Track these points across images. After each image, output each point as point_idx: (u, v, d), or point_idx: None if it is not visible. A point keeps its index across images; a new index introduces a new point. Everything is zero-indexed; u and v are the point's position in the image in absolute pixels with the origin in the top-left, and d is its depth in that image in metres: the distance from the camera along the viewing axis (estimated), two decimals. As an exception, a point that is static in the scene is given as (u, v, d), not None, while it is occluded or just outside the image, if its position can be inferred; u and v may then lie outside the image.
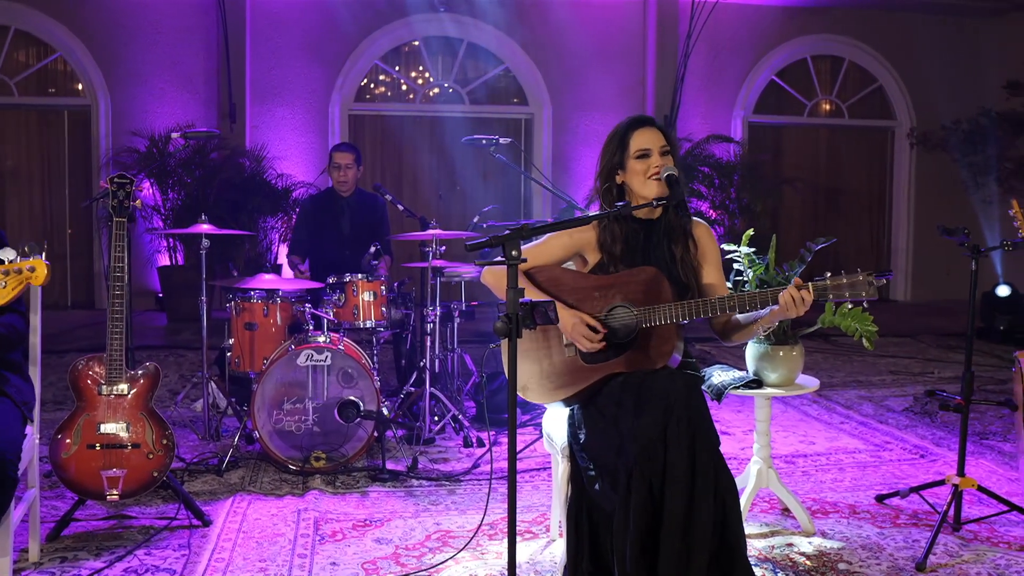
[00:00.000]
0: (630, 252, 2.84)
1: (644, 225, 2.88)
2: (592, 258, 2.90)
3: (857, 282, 2.56)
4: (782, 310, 2.64)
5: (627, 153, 2.83)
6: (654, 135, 2.83)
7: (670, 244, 2.86)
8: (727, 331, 2.91)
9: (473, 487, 3.98)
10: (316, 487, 3.88)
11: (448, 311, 5.14)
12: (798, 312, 2.63)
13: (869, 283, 2.54)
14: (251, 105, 9.65)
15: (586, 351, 2.72)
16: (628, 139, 2.84)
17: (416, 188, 10.42)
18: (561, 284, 2.83)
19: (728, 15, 10.42)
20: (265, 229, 9.08)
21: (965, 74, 11.03)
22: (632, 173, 2.83)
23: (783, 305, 2.62)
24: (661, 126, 2.86)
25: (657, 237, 2.86)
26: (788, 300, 2.61)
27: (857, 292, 2.55)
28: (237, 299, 4.60)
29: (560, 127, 10.54)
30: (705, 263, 2.93)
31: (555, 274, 2.87)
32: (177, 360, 6.91)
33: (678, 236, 2.87)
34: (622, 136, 2.85)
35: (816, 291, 2.60)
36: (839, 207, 11.49)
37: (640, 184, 2.82)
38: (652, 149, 2.81)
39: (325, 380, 4.20)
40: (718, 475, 2.46)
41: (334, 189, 5.53)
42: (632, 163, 2.83)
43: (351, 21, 9.89)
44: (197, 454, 4.34)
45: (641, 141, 2.82)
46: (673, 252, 2.85)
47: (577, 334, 2.71)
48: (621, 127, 2.88)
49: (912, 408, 5.53)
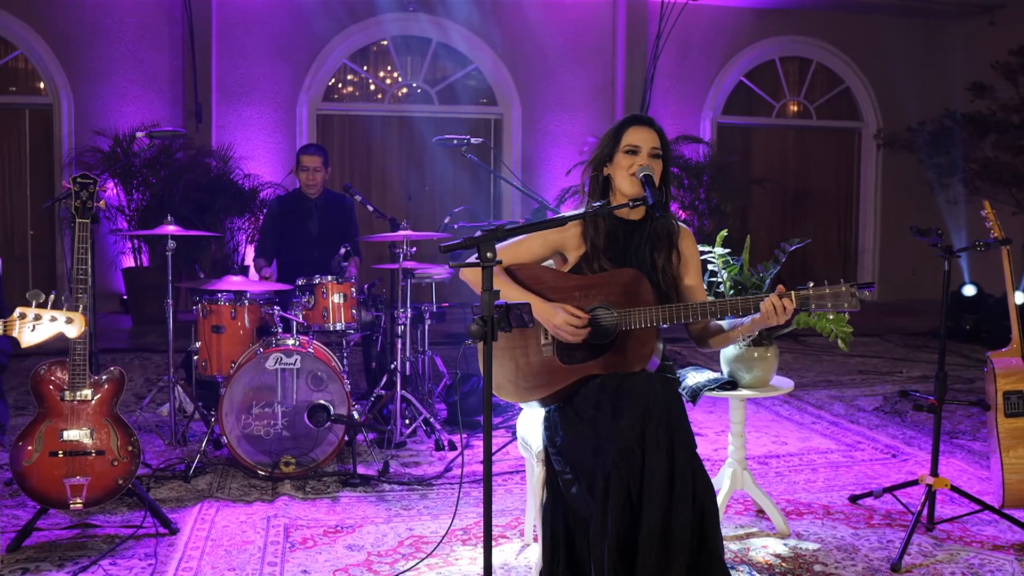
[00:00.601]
0: (612, 247, 2.82)
1: (626, 225, 2.86)
2: (572, 256, 2.87)
3: (840, 293, 2.55)
4: (763, 318, 2.62)
5: (618, 146, 2.82)
6: (649, 135, 2.81)
7: (652, 251, 2.84)
8: (704, 337, 2.89)
9: (446, 491, 3.93)
10: (286, 493, 3.82)
11: (419, 313, 5.09)
12: (779, 320, 2.61)
13: (852, 295, 2.53)
14: (217, 104, 9.52)
15: (571, 341, 2.68)
16: (622, 133, 2.83)
17: (385, 189, 10.34)
18: (542, 282, 2.81)
19: (697, 16, 10.44)
20: (232, 230, 8.96)
21: (931, 76, 11.15)
22: (617, 167, 2.82)
23: (764, 313, 2.60)
24: (660, 129, 2.85)
25: (639, 241, 2.84)
26: (770, 308, 2.59)
27: (840, 303, 2.54)
28: (204, 301, 4.52)
29: (530, 127, 10.51)
30: (686, 274, 2.91)
31: (536, 272, 2.84)
32: (142, 363, 6.79)
33: (662, 245, 2.85)
34: (618, 129, 2.85)
35: (798, 300, 2.58)
36: (807, 208, 11.57)
37: (622, 179, 2.80)
38: (642, 147, 2.79)
39: (294, 384, 4.13)
40: (696, 479, 2.44)
41: (302, 190, 5.46)
42: (619, 156, 2.81)
43: (319, 20, 9.79)
44: (163, 460, 4.25)
45: (634, 137, 2.81)
46: (655, 259, 2.83)
47: (561, 323, 2.66)
48: (619, 122, 2.88)
49: (882, 408, 5.56)
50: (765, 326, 2.65)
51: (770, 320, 2.61)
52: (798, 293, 2.59)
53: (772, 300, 2.60)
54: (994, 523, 3.50)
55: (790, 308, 2.59)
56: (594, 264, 2.80)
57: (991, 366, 3.31)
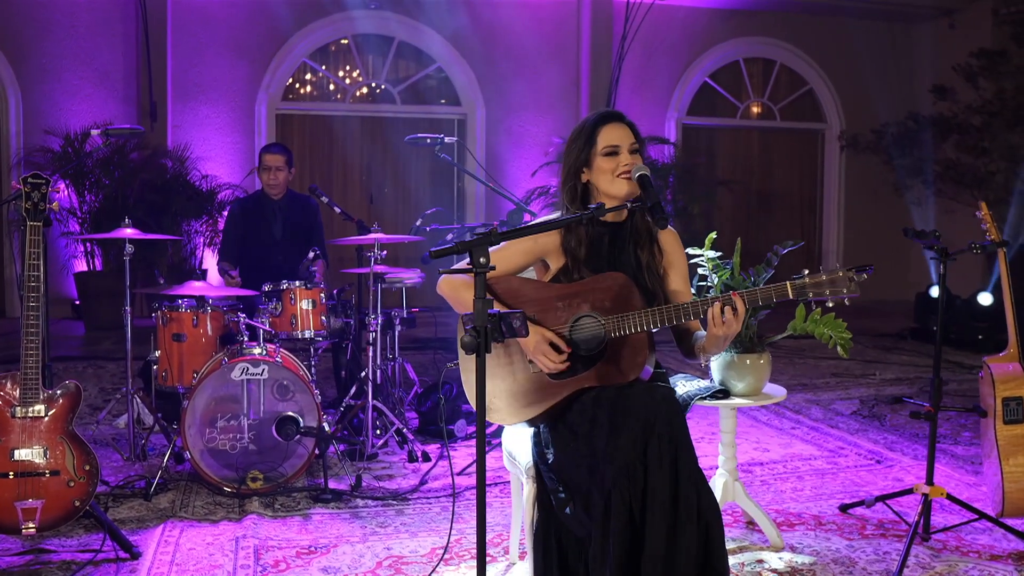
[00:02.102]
0: (595, 255, 2.66)
1: (610, 228, 2.69)
2: (555, 263, 2.71)
3: (837, 278, 2.42)
4: (709, 327, 2.46)
5: (594, 150, 2.63)
6: (623, 131, 2.64)
7: (636, 249, 2.68)
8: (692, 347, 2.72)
9: (422, 506, 3.75)
10: (254, 511, 3.61)
11: (388, 318, 4.91)
12: (725, 331, 2.43)
13: (850, 279, 2.40)
14: (173, 103, 9.22)
15: (550, 370, 2.52)
16: (596, 135, 2.63)
17: (346, 190, 10.12)
18: (520, 296, 2.62)
19: (662, 16, 10.37)
20: (189, 232, 8.68)
21: (893, 78, 11.20)
22: (599, 171, 2.64)
23: (709, 320, 2.45)
24: (631, 122, 2.67)
25: (623, 241, 2.69)
26: (709, 318, 2.44)
27: (838, 289, 2.41)
28: (164, 308, 4.29)
29: (494, 128, 10.35)
30: (671, 270, 2.76)
31: (513, 285, 2.65)
32: (97, 372, 6.51)
33: (644, 241, 2.69)
34: (590, 132, 2.65)
35: (794, 290, 2.44)
36: (771, 209, 11.57)
37: (607, 183, 2.63)
38: (622, 146, 2.62)
39: (261, 395, 3.92)
40: (700, 497, 2.30)
41: (264, 192, 5.24)
42: (599, 160, 2.63)
43: (279, 17, 9.54)
44: (122, 477, 4.01)
45: (610, 137, 2.63)
46: (639, 258, 2.67)
47: (539, 353, 2.51)
48: (588, 122, 2.67)
49: (860, 412, 5.49)
50: (718, 336, 2.48)
51: (716, 329, 2.45)
52: (793, 283, 2.45)
53: (712, 309, 2.44)
54: (988, 531, 3.42)
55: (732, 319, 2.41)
56: (574, 275, 2.64)
57: (988, 372, 3.22)
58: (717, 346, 2.51)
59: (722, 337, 2.45)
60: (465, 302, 2.62)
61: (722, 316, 2.42)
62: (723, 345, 2.51)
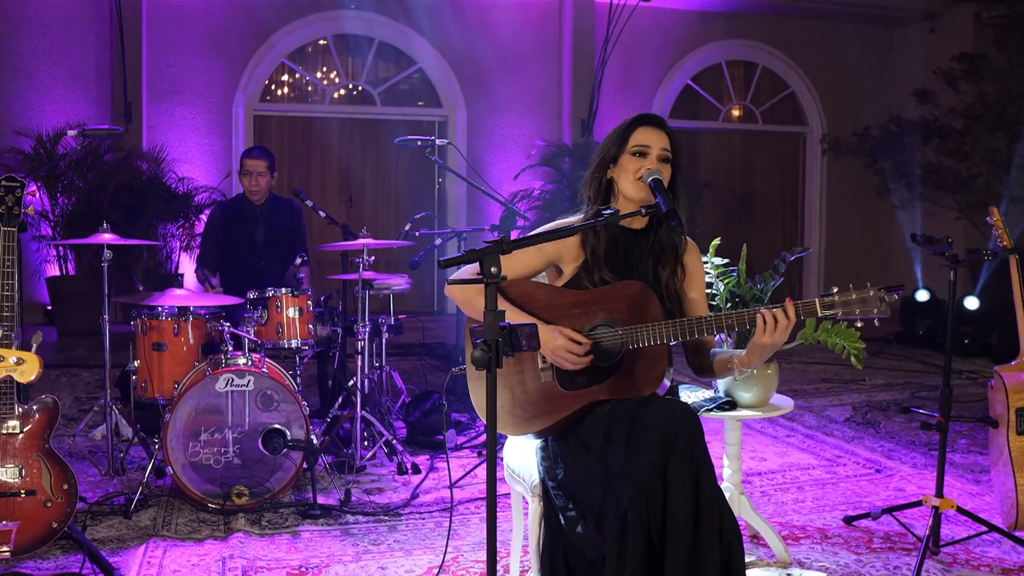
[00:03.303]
0: (614, 256, 2.55)
1: (628, 235, 2.59)
2: (569, 268, 2.59)
3: (868, 298, 2.32)
4: (758, 336, 2.36)
5: (624, 147, 2.54)
6: (659, 136, 2.55)
7: (656, 264, 2.57)
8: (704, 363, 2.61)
9: (416, 521, 3.62)
10: (240, 528, 3.46)
11: (376, 325, 4.77)
12: (774, 339, 2.34)
13: (881, 299, 2.31)
14: (148, 104, 9.00)
15: (572, 369, 2.40)
16: (630, 133, 2.55)
17: (325, 193, 9.94)
18: (534, 300, 2.50)
19: (644, 19, 10.28)
20: (165, 236, 8.47)
21: (876, 82, 11.18)
22: (622, 170, 2.54)
23: (758, 326, 2.35)
24: (670, 131, 2.58)
25: (641, 252, 2.58)
26: (759, 321, 2.35)
27: (868, 309, 2.31)
28: (143, 316, 4.13)
29: (475, 130, 10.22)
30: (691, 289, 2.65)
31: (527, 289, 2.54)
32: (71, 380, 6.32)
33: (667, 258, 2.59)
34: (625, 129, 2.57)
35: (824, 308, 2.35)
36: (753, 212, 11.52)
37: (627, 183, 2.53)
38: (652, 149, 2.52)
39: (247, 407, 3.77)
40: (723, 519, 2.19)
41: (245, 196, 5.09)
42: (626, 158, 2.54)
43: (257, 16, 9.35)
44: (100, 492, 3.84)
45: (642, 138, 2.54)
46: (658, 273, 2.56)
47: (560, 349, 2.38)
48: (627, 120, 2.60)
49: (853, 418, 5.43)
50: (764, 346, 2.38)
51: (764, 337, 2.35)
52: (823, 300, 2.35)
53: (763, 314, 2.35)
54: (997, 543, 3.35)
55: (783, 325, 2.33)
56: (594, 276, 2.53)
57: (1001, 381, 3.14)
58: (759, 356, 2.41)
59: (769, 346, 2.35)
60: (479, 307, 2.49)
61: (775, 323, 2.31)
62: (765, 356, 2.41)
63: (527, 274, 2.59)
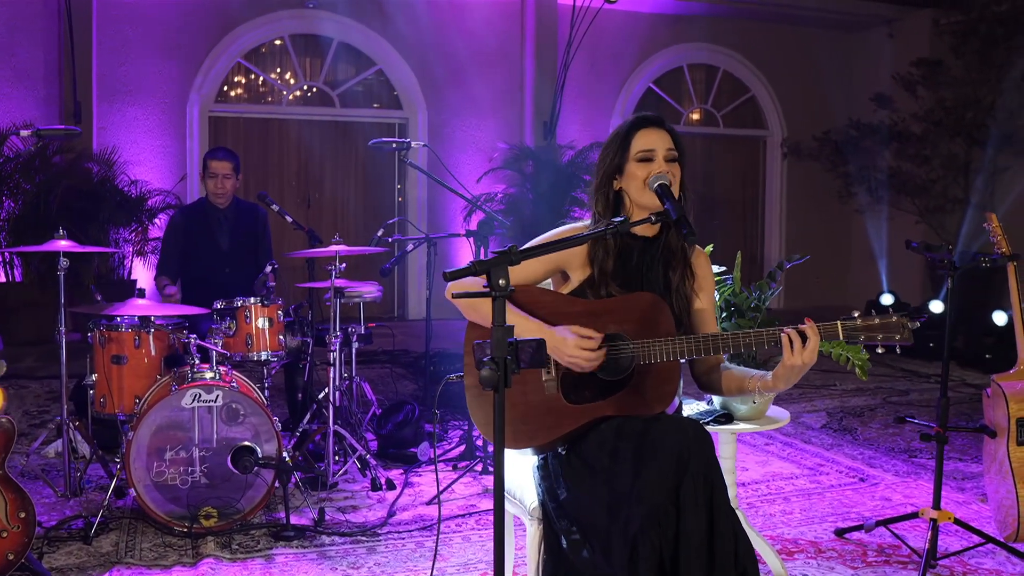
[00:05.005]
0: (622, 269, 2.42)
1: (640, 242, 2.45)
2: (577, 276, 2.45)
3: (891, 324, 2.21)
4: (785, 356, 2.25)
5: (628, 155, 2.41)
6: (662, 136, 2.41)
7: (666, 269, 2.44)
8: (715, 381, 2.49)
9: (395, 542, 3.46)
10: (210, 553, 3.27)
11: (346, 335, 4.59)
12: (802, 360, 2.22)
13: (903, 325, 2.20)
14: (98, 104, 8.68)
15: (588, 368, 2.25)
16: (631, 139, 2.41)
17: (282, 196, 9.68)
18: (542, 307, 2.35)
19: (607, 21, 10.21)
20: (118, 241, 8.17)
21: (835, 86, 11.23)
22: (630, 178, 2.41)
23: (785, 349, 2.24)
24: (671, 128, 2.44)
25: (651, 259, 2.44)
26: (785, 343, 2.24)
27: (890, 335, 2.21)
28: (102, 327, 3.91)
29: (436, 133, 10.05)
30: (700, 292, 2.52)
31: (534, 295, 2.39)
32: (19, 393, 6.01)
33: (677, 262, 2.46)
34: (625, 135, 2.42)
35: (845, 332, 2.24)
36: (714, 216, 11.52)
37: (638, 192, 2.40)
38: (657, 151, 2.39)
39: (215, 423, 3.58)
40: (738, 542, 2.07)
41: (208, 199, 4.87)
42: (632, 166, 2.40)
43: (212, 15, 9.09)
44: (57, 516, 3.61)
45: (645, 141, 2.40)
46: (669, 278, 2.44)
47: (571, 347, 2.21)
48: (624, 125, 2.45)
49: (830, 425, 5.38)
50: (795, 368, 2.26)
51: (794, 359, 2.24)
52: (844, 323, 2.25)
53: (788, 333, 2.24)
54: (991, 554, 3.29)
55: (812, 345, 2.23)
56: (601, 291, 2.39)
57: (1000, 390, 3.08)
58: (787, 381, 2.28)
59: (800, 368, 2.23)
60: (484, 312, 2.34)
61: (803, 344, 2.20)
62: (794, 380, 2.28)
63: (531, 282, 2.45)
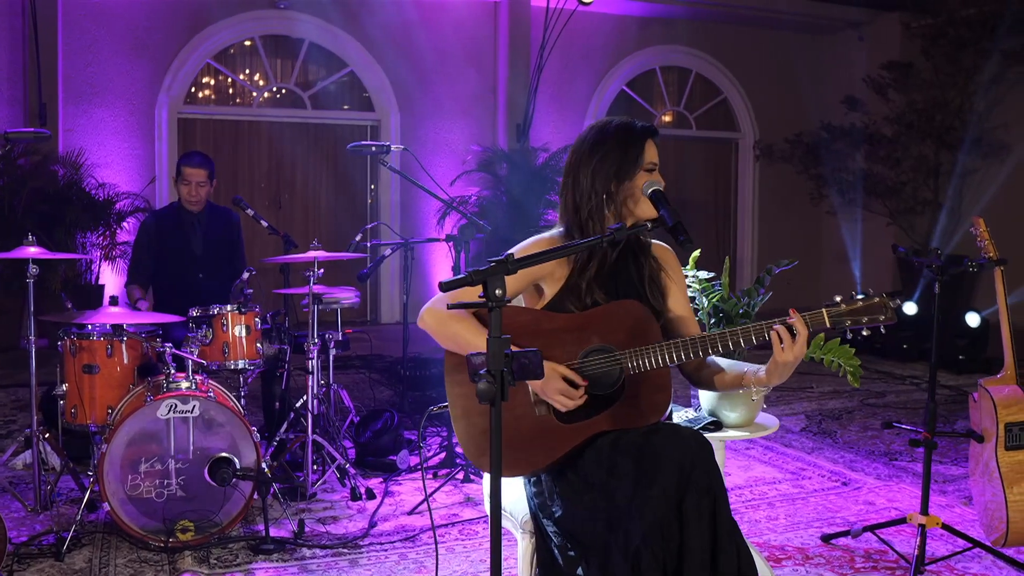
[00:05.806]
0: (601, 273, 2.37)
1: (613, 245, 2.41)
2: (552, 288, 2.39)
3: (873, 304, 2.20)
4: (775, 353, 2.23)
5: (639, 165, 2.35)
6: (656, 148, 2.39)
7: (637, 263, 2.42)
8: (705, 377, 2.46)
9: (377, 554, 3.39)
10: (188, 568, 3.19)
11: (323, 342, 4.51)
12: (791, 355, 2.20)
13: (885, 305, 2.19)
14: (64, 105, 8.50)
15: (563, 410, 2.21)
16: (642, 149, 2.36)
17: (252, 199, 9.54)
18: (519, 327, 2.28)
19: (580, 23, 10.19)
20: (85, 245, 8.01)
21: (807, 89, 11.29)
22: (634, 187, 2.36)
23: (775, 346, 2.22)
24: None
25: (621, 256, 2.41)
26: (775, 339, 2.22)
27: (875, 316, 2.19)
28: (72, 335, 3.80)
29: (409, 135, 9.96)
30: (672, 288, 2.49)
31: (509, 315, 2.30)
32: (-17, 402, 5.87)
33: (645, 254, 2.44)
34: (635, 144, 2.36)
35: (832, 318, 2.21)
36: (686, 217, 11.47)
37: (639, 202, 2.36)
38: (657, 164, 2.37)
39: (191, 435, 3.48)
40: (740, 555, 2.04)
41: (181, 204, 4.76)
42: (641, 176, 2.36)
43: (181, 15, 8.93)
44: (27, 531, 3.50)
45: (653, 152, 2.38)
46: (641, 271, 2.41)
47: (554, 392, 2.19)
48: (632, 134, 2.36)
49: (809, 428, 5.39)
50: (786, 364, 2.24)
51: (785, 355, 2.22)
52: (829, 310, 2.22)
53: (777, 329, 2.22)
54: (978, 559, 3.29)
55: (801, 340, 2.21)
56: (587, 299, 2.34)
57: (988, 395, 3.07)
58: (780, 376, 2.26)
59: (791, 363, 2.21)
60: (455, 336, 2.28)
61: (792, 339, 2.17)
62: (787, 375, 2.26)
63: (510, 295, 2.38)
